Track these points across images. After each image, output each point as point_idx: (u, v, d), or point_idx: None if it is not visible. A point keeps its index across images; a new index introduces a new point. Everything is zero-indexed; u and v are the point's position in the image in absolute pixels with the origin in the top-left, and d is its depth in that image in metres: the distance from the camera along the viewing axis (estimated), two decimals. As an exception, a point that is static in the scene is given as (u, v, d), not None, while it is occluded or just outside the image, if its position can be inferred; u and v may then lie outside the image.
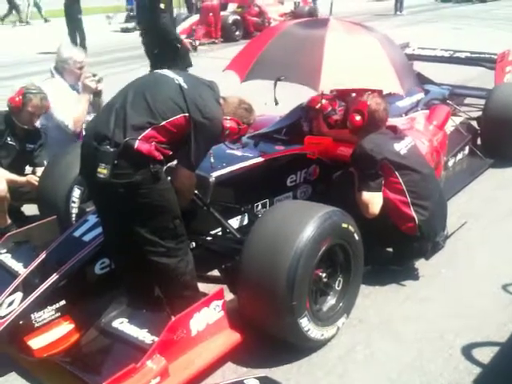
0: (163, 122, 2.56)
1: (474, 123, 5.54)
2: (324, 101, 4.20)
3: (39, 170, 4.21)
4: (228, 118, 2.86)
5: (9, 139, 4.09)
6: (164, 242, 2.68)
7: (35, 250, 3.39)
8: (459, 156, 5.12)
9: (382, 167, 3.24)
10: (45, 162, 4.22)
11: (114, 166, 2.50)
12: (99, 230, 3.00)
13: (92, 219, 3.12)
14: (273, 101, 3.71)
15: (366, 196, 3.23)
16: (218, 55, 12.51)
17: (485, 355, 2.82)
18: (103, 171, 2.51)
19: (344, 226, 2.86)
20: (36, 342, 2.73)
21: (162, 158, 2.58)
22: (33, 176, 4.08)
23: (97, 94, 4.47)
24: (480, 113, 5.53)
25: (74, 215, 3.72)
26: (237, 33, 14.66)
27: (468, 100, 6.14)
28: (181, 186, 2.77)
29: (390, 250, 3.61)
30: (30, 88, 4.05)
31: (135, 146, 2.49)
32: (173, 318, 2.58)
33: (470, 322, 3.08)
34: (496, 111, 5.20)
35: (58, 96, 4.30)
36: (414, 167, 3.32)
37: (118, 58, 12.29)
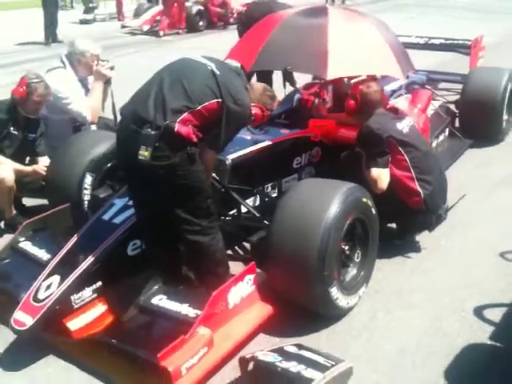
0: (199, 107, 2.66)
1: (452, 106, 5.83)
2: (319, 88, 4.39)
3: (41, 160, 4.23)
4: (253, 104, 2.99)
5: (11, 129, 4.08)
6: (199, 221, 2.80)
7: (54, 237, 3.47)
8: (441, 138, 5.38)
9: (388, 145, 3.45)
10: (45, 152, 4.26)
11: (155, 149, 2.60)
12: (128, 212, 3.09)
13: (119, 203, 3.19)
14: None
15: (375, 172, 3.43)
16: (183, 45, 12.54)
17: (495, 315, 3.07)
18: (145, 153, 2.60)
19: (364, 200, 3.05)
20: (74, 324, 2.80)
21: (196, 140, 2.69)
22: (39, 165, 4.09)
23: (107, 81, 4.48)
24: (457, 97, 5.83)
25: (86, 202, 3.78)
26: (201, 23, 14.62)
27: (443, 85, 6.43)
28: (207, 167, 2.89)
29: (393, 225, 3.83)
30: (31, 77, 4.05)
31: (175, 129, 2.59)
32: (213, 293, 2.70)
33: (474, 289, 3.33)
34: (473, 94, 5.49)
35: (71, 87, 4.32)
36: (416, 144, 3.54)
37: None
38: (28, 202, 4.47)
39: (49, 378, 2.73)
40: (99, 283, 2.89)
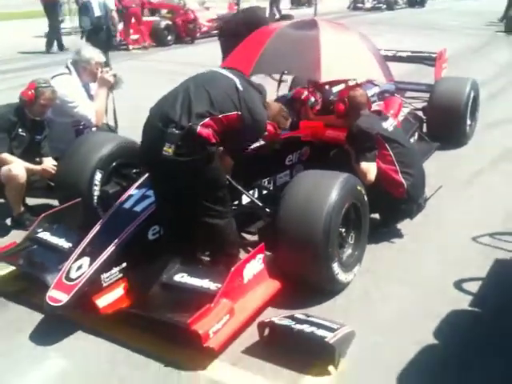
0: (220, 115, 3.02)
1: (420, 113, 6.34)
2: (306, 93, 4.80)
3: (45, 160, 4.46)
4: (268, 121, 3.36)
5: (20, 130, 4.31)
6: (216, 207, 3.15)
7: (70, 228, 3.72)
8: (411, 141, 5.87)
9: (375, 141, 3.86)
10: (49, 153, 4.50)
11: (178, 146, 2.93)
12: (147, 201, 3.40)
13: (137, 193, 3.49)
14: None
15: (364, 166, 3.84)
16: (154, 58, 12.85)
17: (473, 286, 3.52)
18: (168, 150, 2.93)
19: (358, 188, 3.45)
20: (103, 301, 3.09)
21: (215, 142, 3.04)
22: (48, 164, 4.33)
23: (110, 87, 4.77)
24: (424, 104, 6.36)
25: (95, 197, 4.05)
26: (169, 37, 14.93)
27: (408, 93, 6.95)
28: (224, 169, 3.28)
29: (377, 216, 4.24)
30: (40, 82, 4.31)
31: (197, 130, 2.94)
32: (232, 268, 3.03)
33: (454, 266, 3.77)
34: (440, 101, 6.01)
35: (77, 92, 4.58)
36: (400, 141, 3.99)
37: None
38: (30, 201, 4.68)
39: (83, 350, 3.00)
40: (124, 264, 3.19)
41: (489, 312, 3.29)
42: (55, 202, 4.48)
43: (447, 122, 5.96)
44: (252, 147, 3.94)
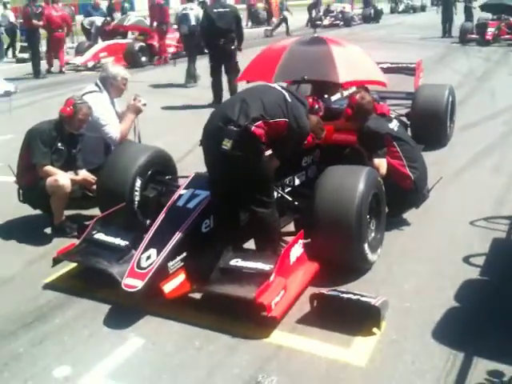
0: (271, 120, 3.55)
1: (404, 118, 6.97)
2: (311, 100, 5.35)
3: (80, 173, 4.85)
4: None
5: (59, 145, 4.68)
6: (263, 197, 3.64)
7: (121, 229, 4.13)
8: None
9: (385, 140, 4.43)
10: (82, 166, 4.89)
11: (235, 141, 3.42)
12: (197, 199, 3.86)
13: (186, 193, 3.95)
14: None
15: (377, 162, 4.39)
16: (132, 79, 13.21)
17: (479, 260, 4.10)
18: (227, 144, 3.42)
19: (378, 179, 3.99)
20: (168, 286, 3.51)
21: (265, 142, 3.54)
22: (89, 174, 4.73)
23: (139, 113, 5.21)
24: (407, 110, 7.00)
25: (136, 202, 4.46)
26: (143, 59, 15.32)
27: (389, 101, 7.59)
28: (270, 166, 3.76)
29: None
30: (76, 98, 4.71)
31: (252, 129, 3.45)
32: (283, 250, 3.52)
33: (459, 245, 4.33)
34: (422, 107, 6.65)
35: (108, 111, 5.00)
36: (405, 139, 4.57)
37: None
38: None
39: (157, 330, 3.41)
40: (184, 254, 3.63)
41: (496, 279, 3.86)
42: (88, 212, 4.91)
43: (430, 126, 6.58)
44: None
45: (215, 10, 9.38)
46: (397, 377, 2.95)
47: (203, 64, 11.07)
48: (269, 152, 3.58)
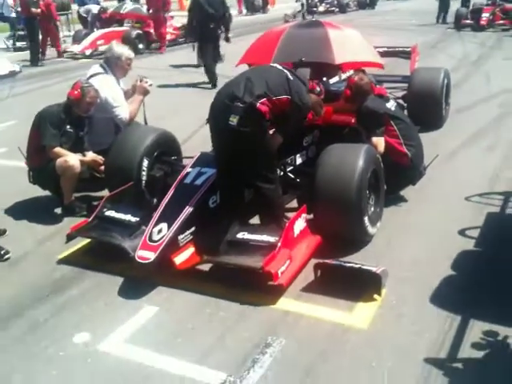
0: (274, 97, 3.72)
1: (400, 101, 7.13)
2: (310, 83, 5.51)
3: (88, 154, 5.00)
4: None
5: (68, 127, 4.83)
6: (267, 173, 3.83)
7: (130, 206, 4.30)
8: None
9: (383, 119, 4.60)
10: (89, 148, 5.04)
11: (241, 117, 3.60)
12: (204, 176, 4.03)
13: (193, 171, 4.12)
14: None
15: (375, 140, 4.56)
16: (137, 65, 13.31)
17: (473, 232, 4.30)
18: (234, 120, 3.60)
19: (377, 156, 4.17)
20: (179, 258, 3.70)
21: (269, 118, 3.71)
22: (96, 155, 4.88)
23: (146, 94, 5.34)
24: (404, 92, 7.16)
25: (143, 181, 4.62)
26: (140, 46, 15.39)
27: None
28: (274, 145, 3.93)
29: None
30: (83, 82, 4.86)
31: (257, 106, 3.62)
32: (287, 223, 3.70)
33: (455, 220, 4.51)
34: (418, 89, 6.81)
35: (116, 92, 5.13)
36: (402, 118, 4.75)
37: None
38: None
39: (169, 299, 3.60)
40: (193, 228, 3.81)
41: (490, 250, 4.06)
42: (95, 193, 5.10)
43: (426, 108, 6.73)
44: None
45: None
46: (397, 336, 3.15)
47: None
48: (272, 129, 3.74)
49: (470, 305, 3.41)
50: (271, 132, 3.78)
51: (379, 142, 4.57)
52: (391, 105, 4.79)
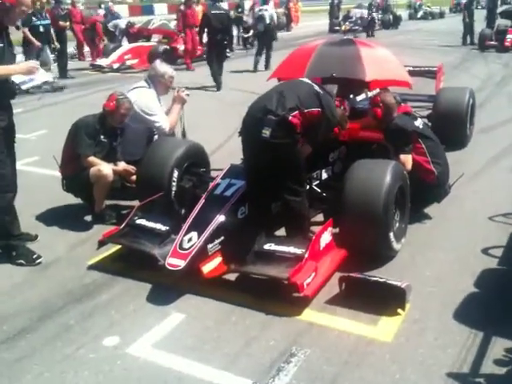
0: (305, 110, 3.84)
1: (425, 120, 7.19)
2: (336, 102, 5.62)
3: (119, 164, 5.14)
4: None
5: (102, 137, 4.98)
6: (295, 186, 3.93)
7: (161, 216, 4.41)
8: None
9: (411, 137, 4.67)
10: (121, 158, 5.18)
11: (273, 130, 3.72)
12: (233, 188, 4.14)
13: (223, 182, 4.23)
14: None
15: (403, 157, 4.62)
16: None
17: (497, 252, 4.33)
18: (266, 132, 3.72)
19: (404, 173, 4.24)
20: (207, 267, 3.79)
21: (300, 131, 3.82)
22: (129, 165, 5.02)
23: (183, 103, 5.54)
24: (429, 112, 7.22)
25: (173, 192, 4.74)
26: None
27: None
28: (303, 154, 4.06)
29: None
30: (118, 94, 5.02)
31: (289, 119, 3.73)
32: (314, 236, 3.78)
33: (478, 238, 4.55)
34: (444, 109, 6.88)
35: (156, 104, 5.31)
36: (429, 136, 4.81)
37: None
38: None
39: (196, 307, 3.70)
40: (222, 237, 3.91)
41: (514, 269, 4.10)
42: (125, 203, 5.23)
43: (451, 127, 6.78)
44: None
45: (212, 12, 11.92)
46: (421, 350, 3.20)
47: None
48: (302, 142, 3.85)
49: (493, 322, 3.44)
50: (300, 145, 3.88)
51: (407, 159, 4.63)
52: (419, 123, 4.86)
